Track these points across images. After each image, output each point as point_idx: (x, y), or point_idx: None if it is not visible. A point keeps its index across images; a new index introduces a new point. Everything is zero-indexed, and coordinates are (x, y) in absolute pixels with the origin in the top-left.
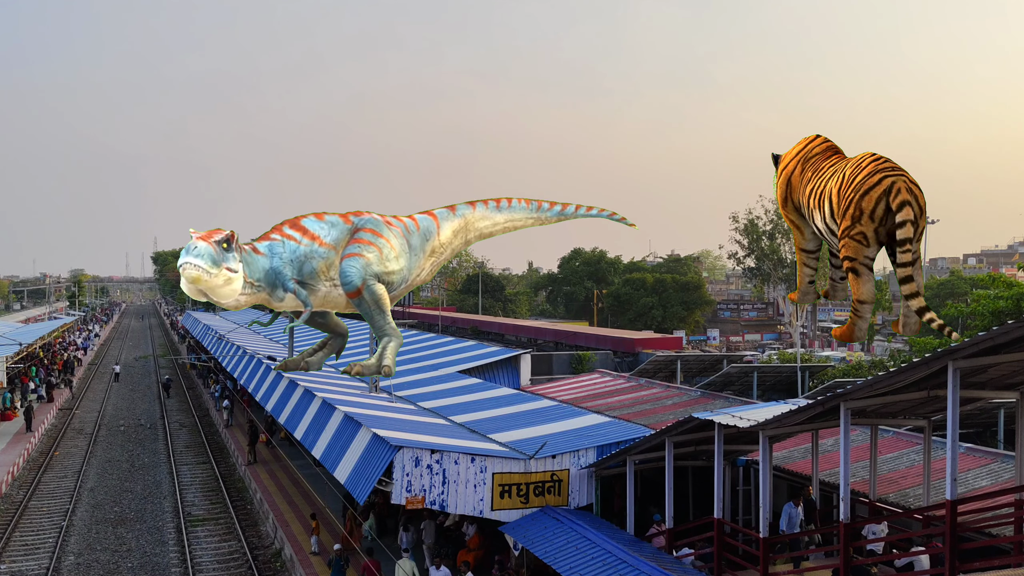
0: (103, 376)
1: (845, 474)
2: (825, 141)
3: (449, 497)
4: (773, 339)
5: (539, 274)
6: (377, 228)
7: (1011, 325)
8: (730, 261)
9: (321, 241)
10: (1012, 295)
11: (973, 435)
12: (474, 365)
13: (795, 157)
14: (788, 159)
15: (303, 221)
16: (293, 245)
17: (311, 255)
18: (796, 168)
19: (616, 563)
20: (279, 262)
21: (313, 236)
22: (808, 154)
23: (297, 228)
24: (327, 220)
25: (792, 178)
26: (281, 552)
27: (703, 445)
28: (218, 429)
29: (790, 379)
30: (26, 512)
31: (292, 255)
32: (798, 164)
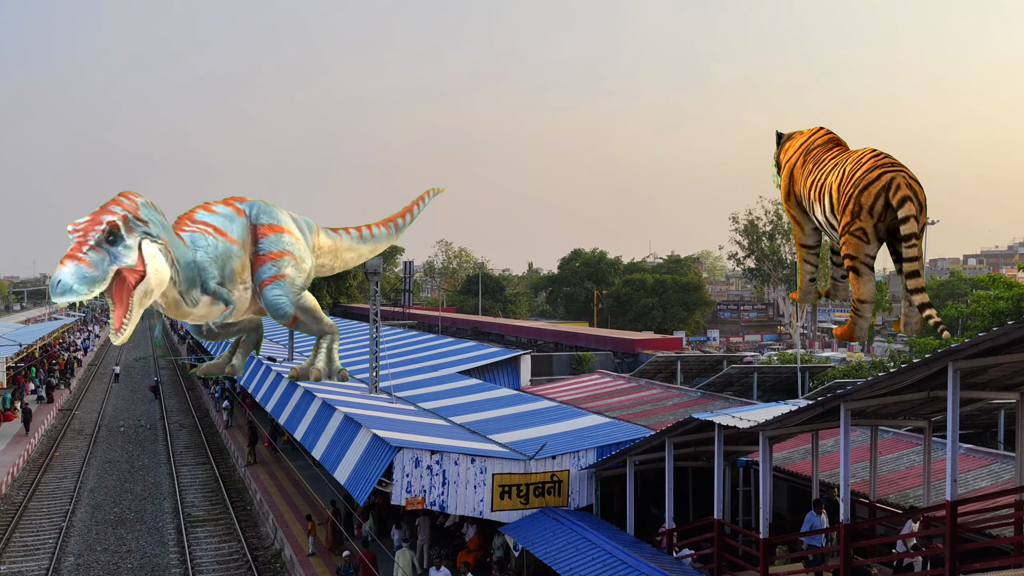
0: (103, 377)
1: (845, 475)
2: (828, 133)
3: (449, 498)
4: (773, 340)
5: (539, 275)
6: (275, 220)
7: (1011, 326)
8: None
9: (231, 239)
10: (1012, 296)
11: (973, 436)
12: (474, 366)
13: (798, 149)
14: (791, 151)
15: (198, 215)
16: (212, 241)
17: (228, 253)
18: (798, 160)
19: (616, 564)
20: (203, 257)
21: (223, 233)
22: (811, 146)
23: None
24: (219, 212)
25: (795, 170)
26: (281, 553)
27: (703, 446)
28: (218, 430)
29: (790, 380)
30: (26, 513)
31: (214, 251)
32: (800, 156)
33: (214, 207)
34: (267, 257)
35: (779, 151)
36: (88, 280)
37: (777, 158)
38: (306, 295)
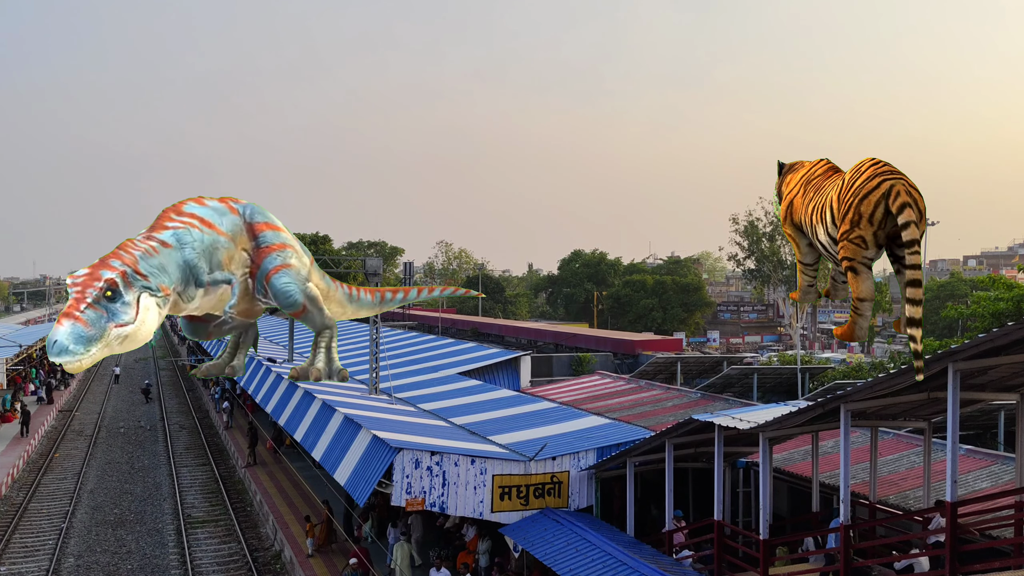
0: (103, 378)
1: (845, 476)
2: (829, 164)
3: (449, 499)
4: (773, 341)
5: (539, 276)
6: (269, 220)
7: (1011, 327)
8: (730, 263)
9: (219, 230)
10: (1012, 297)
11: (973, 437)
12: (474, 367)
13: (799, 182)
14: (793, 183)
15: (187, 207)
16: (198, 233)
17: (215, 244)
18: (799, 191)
19: (616, 565)
20: (192, 253)
21: (210, 224)
22: (811, 176)
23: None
24: (210, 206)
25: (795, 201)
26: (281, 554)
27: (703, 447)
28: (218, 431)
29: (790, 381)
30: (26, 514)
31: (201, 244)
32: (801, 187)
33: (207, 201)
34: (270, 248)
35: (781, 181)
36: (84, 340)
37: (779, 188)
38: (311, 285)
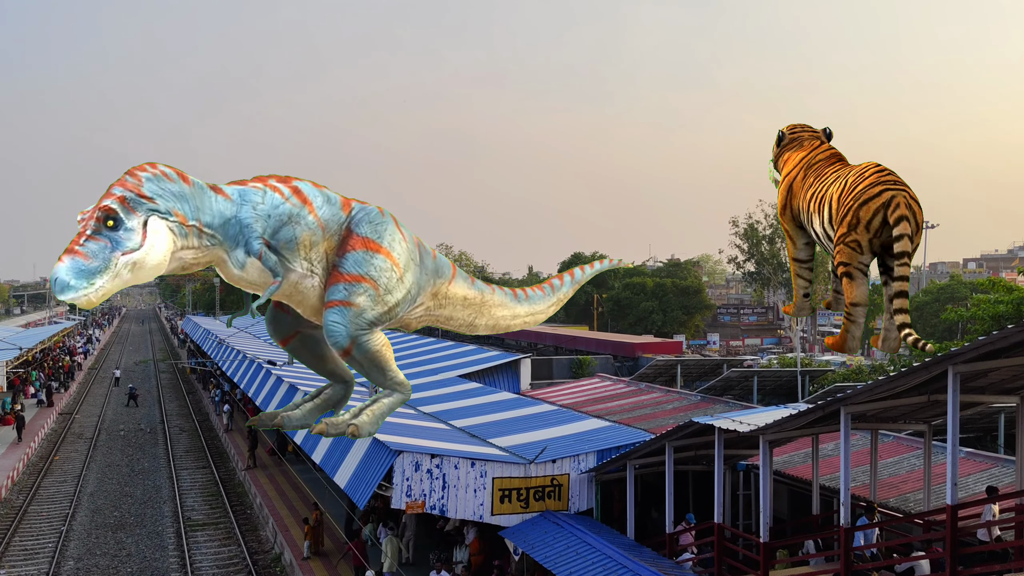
0: (103, 380)
1: (845, 479)
2: (830, 148)
3: (449, 502)
4: (773, 343)
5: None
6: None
7: (1011, 329)
8: (730, 265)
9: (313, 210)
10: (1012, 299)
11: (973, 440)
12: (474, 369)
13: (799, 164)
14: (792, 164)
15: (296, 182)
16: (277, 199)
17: (296, 218)
18: (799, 174)
19: (616, 568)
20: (249, 213)
21: (305, 200)
22: (812, 160)
23: (287, 185)
24: (324, 193)
25: (794, 184)
26: (281, 557)
27: (703, 450)
28: (218, 434)
29: (790, 383)
30: (26, 517)
31: (271, 209)
32: (801, 171)
33: (325, 188)
34: (343, 277)
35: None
36: (86, 272)
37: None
38: (376, 339)
